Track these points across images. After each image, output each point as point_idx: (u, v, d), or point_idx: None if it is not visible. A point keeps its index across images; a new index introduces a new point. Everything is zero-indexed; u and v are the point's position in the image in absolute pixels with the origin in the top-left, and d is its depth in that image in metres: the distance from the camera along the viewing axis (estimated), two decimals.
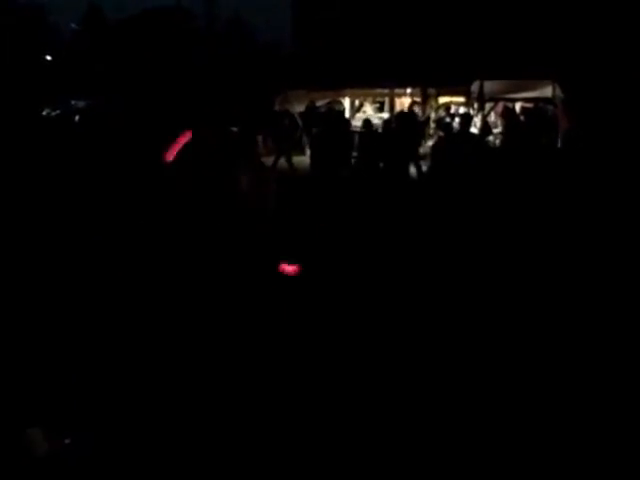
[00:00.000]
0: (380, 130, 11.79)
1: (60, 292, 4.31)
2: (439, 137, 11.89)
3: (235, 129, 5.41)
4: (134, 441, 3.57)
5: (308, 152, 13.88)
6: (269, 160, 13.49)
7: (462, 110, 16.50)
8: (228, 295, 4.26)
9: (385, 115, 19.11)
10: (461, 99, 17.93)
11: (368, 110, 20.93)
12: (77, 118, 14.74)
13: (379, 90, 19.65)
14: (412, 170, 10.61)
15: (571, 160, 9.58)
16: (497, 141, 14.98)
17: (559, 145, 12.54)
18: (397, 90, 19.26)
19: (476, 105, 17.17)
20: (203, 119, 4.78)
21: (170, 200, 4.28)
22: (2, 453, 2.97)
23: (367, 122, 11.92)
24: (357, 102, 20.97)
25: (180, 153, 4.18)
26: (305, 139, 17.31)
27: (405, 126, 10.93)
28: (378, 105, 21.18)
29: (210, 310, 4.28)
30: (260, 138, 15.82)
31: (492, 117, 17.58)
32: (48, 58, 33.86)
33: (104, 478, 3.24)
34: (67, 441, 3.10)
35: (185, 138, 4.42)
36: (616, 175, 9.17)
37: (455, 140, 9.31)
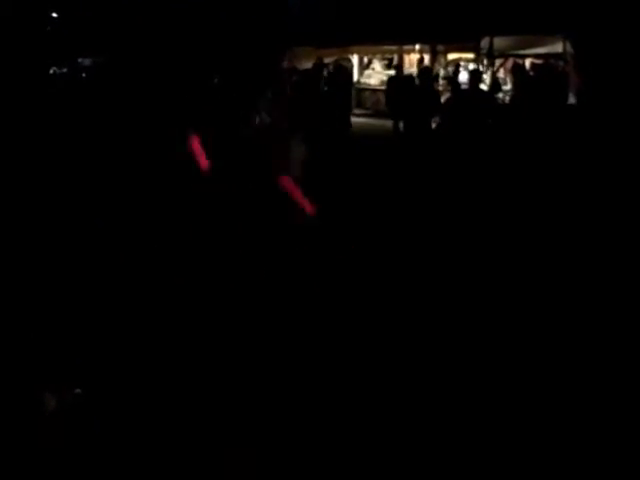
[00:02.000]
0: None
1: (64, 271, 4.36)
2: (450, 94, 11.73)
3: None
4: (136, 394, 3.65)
5: None
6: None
7: (471, 67, 16.29)
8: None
9: (393, 72, 18.89)
10: (470, 55, 17.69)
11: (377, 67, 20.72)
12: (84, 76, 14.62)
13: (387, 47, 19.40)
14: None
15: (583, 119, 9.44)
16: (507, 98, 14.80)
17: (570, 102, 12.40)
18: (406, 47, 19.01)
19: (485, 61, 16.95)
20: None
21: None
22: (19, 409, 3.07)
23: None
24: (365, 59, 20.74)
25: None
26: None
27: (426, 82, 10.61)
28: (387, 62, 20.93)
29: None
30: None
31: (501, 74, 17.35)
32: (54, 15, 33.44)
33: (110, 425, 3.32)
34: (77, 391, 3.19)
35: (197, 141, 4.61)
36: (630, 135, 9.00)
37: (465, 97, 9.23)
